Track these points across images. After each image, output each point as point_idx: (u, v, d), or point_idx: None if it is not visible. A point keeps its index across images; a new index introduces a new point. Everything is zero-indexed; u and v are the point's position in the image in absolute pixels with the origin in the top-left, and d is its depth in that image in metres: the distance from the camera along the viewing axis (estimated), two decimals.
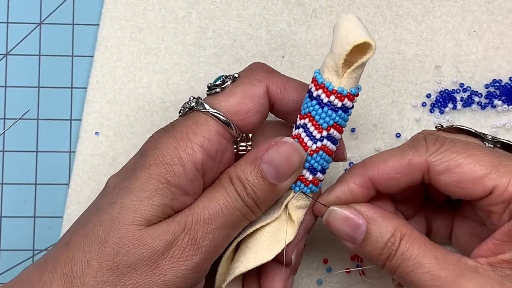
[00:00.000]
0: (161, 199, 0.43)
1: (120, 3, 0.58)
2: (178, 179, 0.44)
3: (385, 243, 0.45)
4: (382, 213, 0.47)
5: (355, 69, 0.44)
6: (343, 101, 0.45)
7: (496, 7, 0.58)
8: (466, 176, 0.45)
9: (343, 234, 0.46)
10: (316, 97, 0.45)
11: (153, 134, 0.46)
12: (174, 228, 0.43)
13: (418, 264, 0.44)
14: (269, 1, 0.58)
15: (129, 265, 0.42)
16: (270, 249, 0.47)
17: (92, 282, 0.42)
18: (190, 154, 0.44)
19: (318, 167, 0.46)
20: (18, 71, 0.58)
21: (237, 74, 0.47)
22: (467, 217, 0.51)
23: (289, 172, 0.45)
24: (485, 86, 0.57)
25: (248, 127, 0.46)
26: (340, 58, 0.43)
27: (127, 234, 0.43)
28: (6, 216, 0.57)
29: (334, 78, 0.45)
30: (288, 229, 0.47)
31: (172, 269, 0.43)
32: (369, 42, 0.43)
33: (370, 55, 0.43)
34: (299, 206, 0.47)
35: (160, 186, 0.43)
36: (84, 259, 0.42)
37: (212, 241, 0.44)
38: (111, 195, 0.44)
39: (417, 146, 0.46)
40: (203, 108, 0.45)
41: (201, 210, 0.44)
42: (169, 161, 0.44)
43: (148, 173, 0.44)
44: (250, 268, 0.46)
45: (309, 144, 0.46)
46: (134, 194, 0.43)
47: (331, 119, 0.45)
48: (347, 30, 0.43)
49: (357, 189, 0.47)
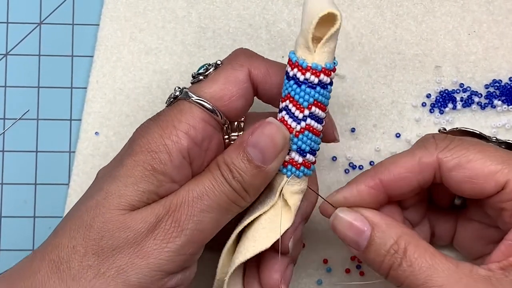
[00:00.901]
0: (147, 185, 0.44)
1: (120, 3, 0.58)
2: (164, 166, 0.44)
3: (387, 250, 0.45)
4: (388, 221, 0.46)
5: (325, 43, 0.44)
6: (319, 77, 0.44)
7: (496, 7, 0.58)
8: (478, 172, 0.45)
9: (347, 239, 0.46)
10: (293, 77, 0.45)
11: (141, 124, 0.47)
12: (158, 210, 0.43)
13: (429, 277, 0.43)
14: (269, 1, 0.58)
15: (114, 248, 0.43)
16: (268, 237, 0.46)
17: (78, 267, 0.42)
18: (175, 142, 0.44)
19: (306, 148, 0.46)
20: (18, 71, 0.58)
21: (220, 61, 0.48)
22: (472, 220, 0.51)
23: (274, 153, 0.45)
24: (485, 86, 0.57)
25: (233, 112, 0.46)
26: (309, 33, 0.43)
27: (112, 218, 0.43)
28: (6, 216, 0.57)
29: (306, 54, 0.44)
30: (285, 215, 0.47)
31: (155, 251, 0.43)
32: (333, 12, 0.43)
33: (337, 26, 0.43)
34: (295, 191, 0.47)
35: (146, 173, 0.44)
36: (70, 245, 0.43)
37: (196, 224, 0.44)
38: (98, 183, 0.45)
39: (426, 145, 0.47)
40: (187, 97, 0.46)
41: (186, 192, 0.44)
42: (155, 149, 0.44)
43: (134, 160, 0.44)
44: (250, 256, 0.46)
45: (293, 126, 0.45)
46: (119, 180, 0.44)
47: (310, 96, 0.45)
48: (313, 4, 0.43)
49: (366, 191, 0.47)
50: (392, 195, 0.47)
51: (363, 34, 0.58)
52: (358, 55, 0.57)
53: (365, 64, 0.57)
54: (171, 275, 0.44)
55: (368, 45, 0.58)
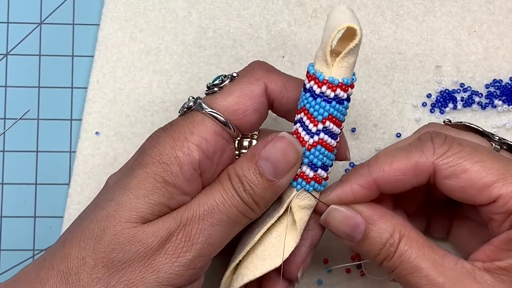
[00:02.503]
0: (158, 197, 0.43)
1: (121, 3, 0.58)
2: (175, 178, 0.44)
3: (383, 244, 0.45)
4: (381, 213, 0.46)
5: (344, 57, 0.43)
6: (336, 91, 0.44)
7: (496, 7, 0.58)
8: (472, 183, 0.44)
9: (341, 233, 0.46)
10: (309, 89, 0.44)
11: (152, 134, 0.46)
12: (169, 224, 0.43)
13: (416, 267, 0.44)
14: (269, 1, 0.58)
15: (124, 261, 0.42)
16: (278, 255, 0.46)
17: (87, 279, 0.42)
18: (187, 154, 0.44)
19: (318, 162, 0.45)
20: (18, 71, 0.58)
21: (235, 73, 0.47)
22: (467, 217, 0.51)
23: (286, 168, 0.45)
24: (486, 86, 0.57)
25: (246, 126, 0.46)
26: (327, 46, 0.43)
27: (123, 231, 0.43)
28: (6, 216, 0.57)
29: (324, 68, 0.44)
30: (293, 231, 0.46)
31: (165, 266, 0.43)
32: (353, 27, 0.42)
33: (356, 41, 0.43)
34: (303, 206, 0.46)
35: (158, 185, 0.43)
36: (80, 256, 0.43)
37: (207, 238, 0.43)
38: (109, 193, 0.44)
39: (423, 148, 0.46)
40: (201, 108, 0.45)
41: (197, 206, 0.44)
42: (166, 160, 0.44)
43: (145, 172, 0.44)
44: (259, 275, 0.46)
45: (306, 139, 0.45)
46: (131, 192, 0.43)
47: (325, 110, 0.44)
48: (334, 19, 0.43)
49: (359, 191, 0.46)
50: (384, 192, 0.47)
51: (363, 34, 0.57)
52: (358, 55, 0.57)
53: (366, 64, 0.57)
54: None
55: (369, 45, 0.58)
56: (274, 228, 0.47)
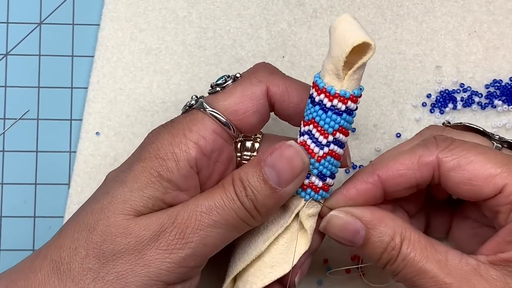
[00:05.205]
0: (152, 191, 0.44)
1: (121, 3, 0.58)
2: (171, 173, 0.44)
3: (385, 248, 0.45)
4: (380, 216, 0.46)
5: (356, 71, 0.43)
6: (347, 104, 0.44)
7: (496, 7, 0.58)
8: (477, 173, 0.45)
9: (342, 239, 0.46)
10: (319, 102, 0.44)
11: (152, 130, 0.47)
12: (163, 219, 0.43)
13: (421, 270, 0.44)
14: (269, 1, 0.58)
15: (115, 253, 0.43)
16: (286, 262, 0.46)
17: (78, 269, 0.43)
18: (184, 150, 0.44)
19: (327, 172, 0.45)
20: (18, 71, 0.58)
21: (239, 74, 0.47)
22: (468, 217, 0.51)
23: (291, 177, 0.44)
24: (485, 86, 0.57)
25: (246, 127, 0.46)
26: (340, 61, 0.42)
27: (115, 222, 0.43)
28: (6, 216, 0.57)
29: (335, 81, 0.44)
30: (302, 239, 0.46)
31: (156, 261, 0.43)
32: (368, 42, 0.42)
33: (370, 55, 0.42)
34: (311, 214, 0.46)
35: (152, 179, 0.44)
36: (73, 246, 0.43)
37: (202, 238, 0.43)
38: (106, 187, 0.45)
39: (427, 144, 0.46)
40: (202, 107, 0.45)
41: (195, 205, 0.44)
42: (163, 156, 0.44)
43: (142, 166, 0.44)
44: (268, 283, 0.46)
45: (315, 151, 0.45)
46: (126, 185, 0.44)
47: (336, 123, 0.44)
48: (345, 31, 0.42)
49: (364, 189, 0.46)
50: (389, 192, 0.47)
51: None
52: None
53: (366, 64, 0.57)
54: (170, 285, 0.44)
55: None
56: (281, 236, 0.47)
